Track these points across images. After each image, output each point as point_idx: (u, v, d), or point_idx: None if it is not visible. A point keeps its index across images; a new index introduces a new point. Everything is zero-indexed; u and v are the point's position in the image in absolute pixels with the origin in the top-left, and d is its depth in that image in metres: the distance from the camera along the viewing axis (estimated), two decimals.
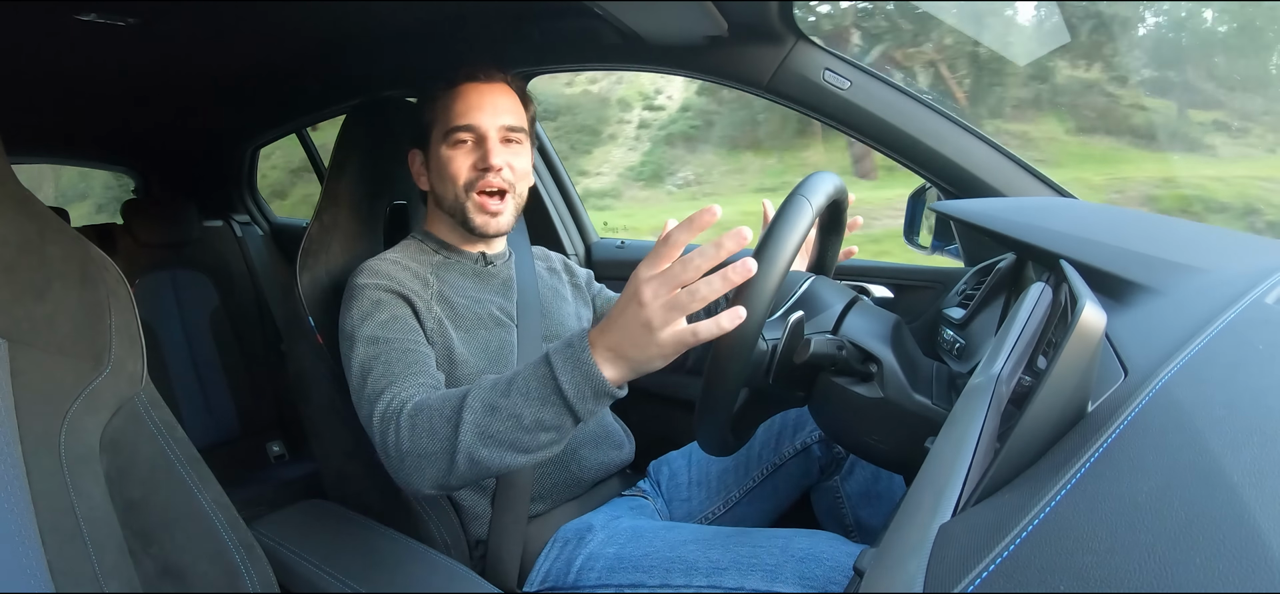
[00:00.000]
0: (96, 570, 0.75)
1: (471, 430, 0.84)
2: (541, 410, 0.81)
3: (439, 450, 0.86)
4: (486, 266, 1.23)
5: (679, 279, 0.74)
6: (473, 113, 1.15)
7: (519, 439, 0.83)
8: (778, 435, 1.23)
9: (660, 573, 0.98)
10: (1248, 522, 0.35)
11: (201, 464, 0.88)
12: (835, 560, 0.91)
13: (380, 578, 1.02)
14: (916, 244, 1.40)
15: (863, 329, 0.96)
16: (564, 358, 0.81)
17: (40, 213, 0.83)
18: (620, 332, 0.78)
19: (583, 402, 0.80)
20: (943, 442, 0.59)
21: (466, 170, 1.15)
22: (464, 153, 1.16)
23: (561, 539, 1.11)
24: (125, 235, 2.27)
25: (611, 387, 0.80)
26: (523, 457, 0.84)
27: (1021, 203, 1.20)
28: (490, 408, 0.84)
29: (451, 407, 0.87)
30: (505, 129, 1.17)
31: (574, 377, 0.80)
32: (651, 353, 0.77)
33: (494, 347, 1.14)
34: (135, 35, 1.37)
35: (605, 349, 0.79)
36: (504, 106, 1.17)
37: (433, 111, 1.19)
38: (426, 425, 0.88)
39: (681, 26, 1.32)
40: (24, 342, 0.77)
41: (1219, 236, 0.99)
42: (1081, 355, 0.51)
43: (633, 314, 0.76)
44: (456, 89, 1.17)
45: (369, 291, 1.07)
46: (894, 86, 1.31)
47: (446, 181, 1.17)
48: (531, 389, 0.82)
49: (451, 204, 1.18)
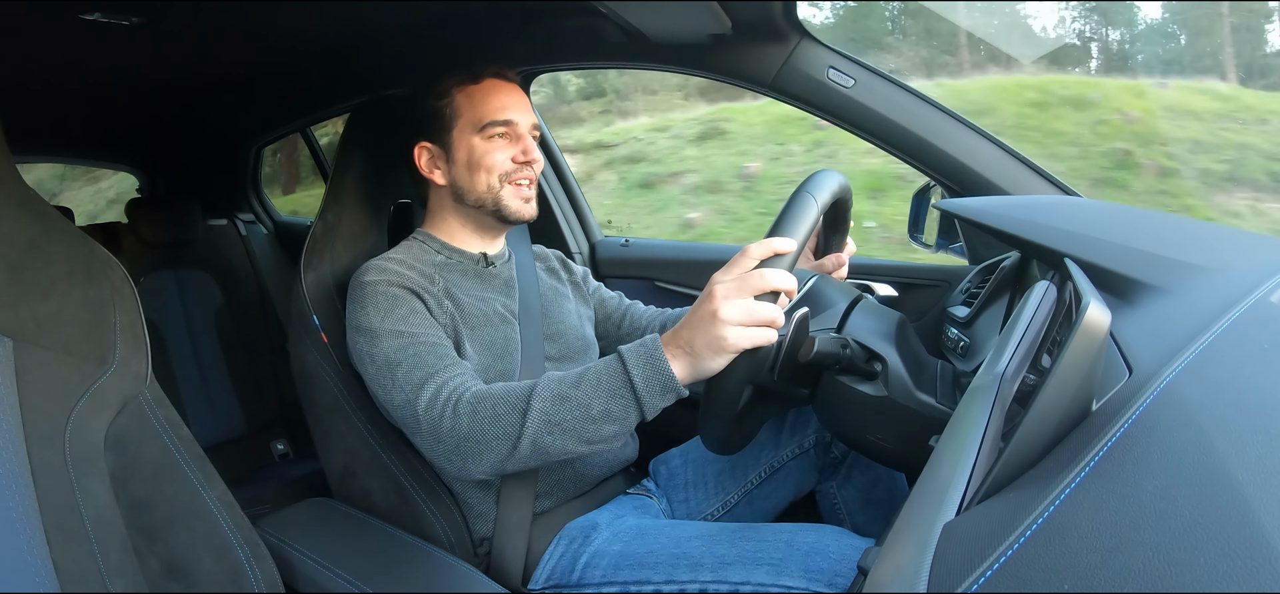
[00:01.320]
0: (101, 569, 0.76)
1: (539, 417, 0.89)
2: (610, 401, 0.88)
3: (503, 434, 0.91)
4: (488, 267, 1.24)
5: (752, 287, 0.82)
6: (510, 108, 1.18)
7: (584, 429, 0.89)
8: (775, 438, 1.23)
9: (665, 569, 0.98)
10: (1253, 521, 0.35)
11: (206, 462, 0.88)
12: (840, 554, 0.91)
13: (385, 576, 1.02)
14: (921, 242, 1.40)
15: (867, 327, 0.96)
16: (636, 354, 0.88)
17: (45, 212, 0.83)
18: (692, 327, 0.85)
19: (651, 395, 0.87)
20: (947, 440, 0.59)
21: (505, 161, 1.17)
22: (502, 146, 1.18)
23: (566, 537, 1.11)
24: (129, 234, 2.27)
25: (678, 383, 0.87)
26: (585, 446, 0.91)
27: (1026, 201, 1.20)
28: (560, 398, 0.90)
29: (518, 394, 0.92)
30: (533, 127, 1.21)
31: (645, 371, 0.87)
32: (716, 345, 0.83)
33: (500, 343, 1.15)
34: (139, 34, 1.37)
35: (677, 347, 0.87)
36: (528, 106, 1.22)
37: (456, 104, 1.19)
38: (490, 411, 0.93)
39: (686, 25, 1.32)
40: (29, 340, 0.77)
41: (1225, 235, 0.98)
42: (1086, 354, 0.51)
43: (708, 313, 0.83)
44: (485, 83, 1.19)
45: (382, 288, 1.08)
46: (898, 85, 1.31)
47: (480, 172, 1.17)
48: (602, 380, 0.89)
49: (482, 194, 1.19)
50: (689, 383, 0.88)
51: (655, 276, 1.81)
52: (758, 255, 0.84)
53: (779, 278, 0.82)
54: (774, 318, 0.83)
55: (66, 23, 1.27)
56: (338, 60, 1.74)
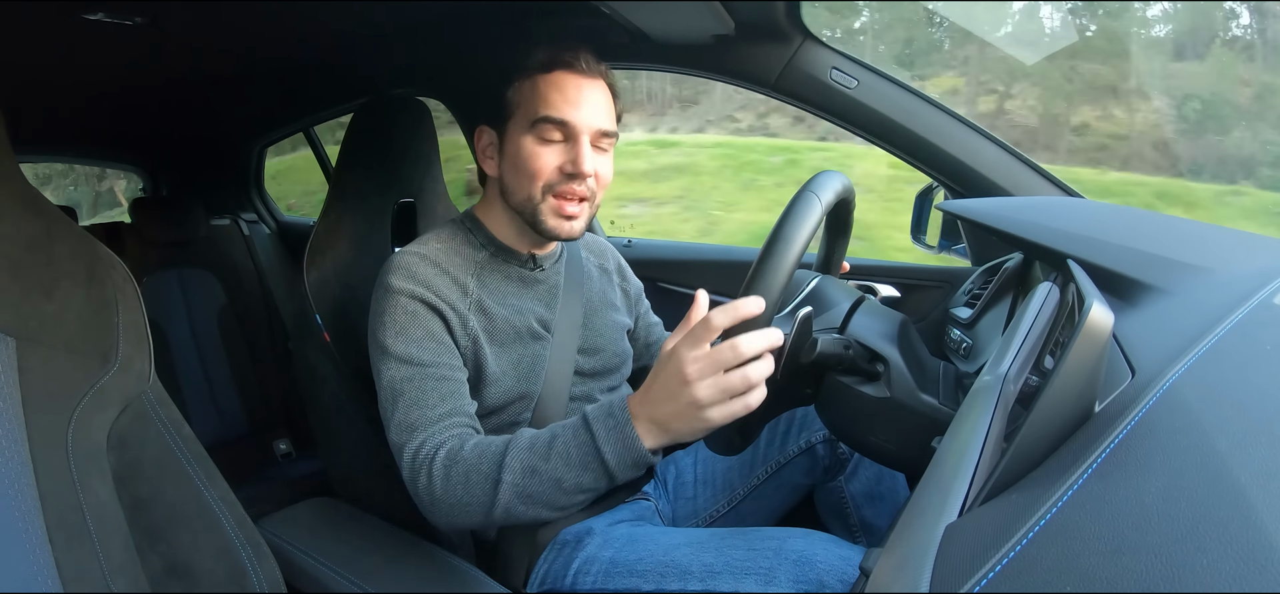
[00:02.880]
0: (103, 568, 0.76)
1: (510, 491, 0.87)
2: (582, 475, 0.86)
3: (475, 503, 0.89)
4: (534, 270, 1.16)
5: (725, 362, 0.77)
6: (569, 107, 1.03)
7: (556, 499, 0.87)
8: (783, 434, 1.22)
9: (654, 578, 0.97)
10: (1255, 522, 0.35)
11: (209, 462, 0.88)
12: (829, 563, 0.89)
13: (387, 576, 1.02)
14: (923, 243, 1.40)
15: (869, 328, 0.96)
16: (607, 427, 0.85)
17: (48, 211, 0.83)
18: (667, 408, 0.81)
19: (623, 469, 0.85)
20: (949, 442, 0.59)
21: (551, 170, 1.04)
22: (552, 150, 1.04)
23: (561, 542, 1.11)
24: (133, 234, 2.28)
25: (649, 457, 0.84)
26: (557, 513, 0.89)
27: (1029, 202, 1.20)
28: (530, 470, 0.87)
29: (490, 463, 0.89)
30: (598, 133, 1.05)
31: (616, 447, 0.84)
32: (699, 428, 0.80)
33: (526, 363, 1.09)
34: (143, 34, 1.37)
35: (648, 421, 0.83)
36: (601, 106, 1.06)
37: (520, 92, 1.06)
38: (461, 479, 0.90)
39: (689, 25, 1.32)
40: (31, 339, 0.77)
41: (1227, 237, 0.98)
42: (1089, 355, 0.51)
43: (681, 394, 0.79)
44: (554, 74, 1.04)
45: (403, 302, 1.01)
46: (901, 86, 1.31)
47: (524, 176, 1.05)
48: (572, 455, 0.86)
49: (522, 201, 1.07)
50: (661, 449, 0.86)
51: (658, 277, 1.81)
52: (721, 325, 0.77)
53: (752, 343, 0.77)
54: (754, 382, 0.77)
55: (70, 22, 1.28)
56: (341, 60, 1.75)
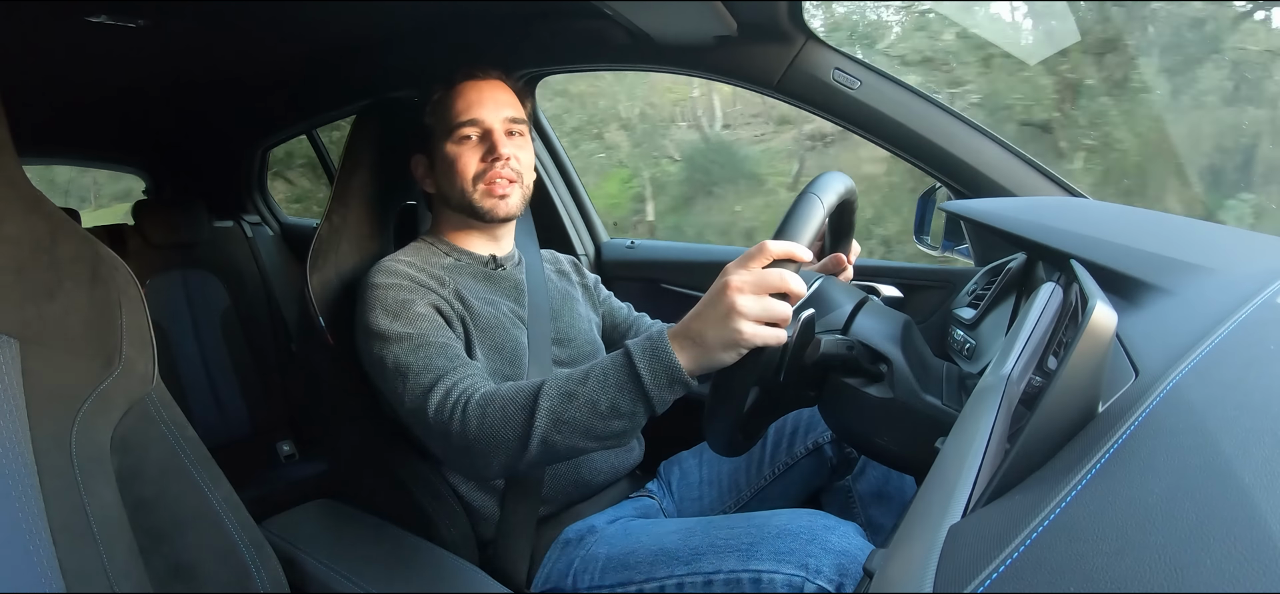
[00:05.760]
0: (107, 570, 0.76)
1: (547, 416, 0.88)
2: (618, 396, 0.86)
3: (512, 436, 0.90)
4: (496, 269, 1.23)
5: (770, 284, 0.80)
6: (475, 108, 1.17)
7: (593, 425, 0.87)
8: (790, 435, 1.23)
9: (646, 568, 0.98)
10: (1260, 523, 0.35)
11: (212, 464, 0.88)
12: (810, 533, 0.91)
13: (390, 577, 1.02)
14: (926, 244, 1.39)
15: (872, 329, 0.96)
16: (642, 347, 0.86)
17: (51, 213, 0.84)
18: (706, 316, 0.82)
19: (658, 388, 0.85)
20: (953, 442, 0.58)
21: (475, 164, 1.17)
22: (470, 148, 1.17)
23: (563, 541, 1.11)
24: (136, 236, 2.28)
25: (686, 374, 0.84)
26: (594, 443, 0.89)
27: (1032, 202, 1.19)
28: (567, 395, 0.88)
29: (526, 394, 0.91)
30: (508, 120, 1.19)
31: (651, 364, 0.85)
32: (730, 339, 0.81)
33: (509, 348, 1.14)
34: (145, 37, 1.38)
35: (684, 337, 0.84)
36: (504, 100, 1.20)
37: (434, 114, 1.20)
38: (499, 413, 0.91)
39: (691, 26, 1.32)
40: (35, 341, 0.78)
41: (1231, 236, 0.98)
42: (1092, 356, 0.51)
43: (722, 301, 0.81)
44: (455, 88, 1.19)
45: (392, 290, 1.07)
46: (904, 86, 1.31)
47: (455, 176, 1.17)
48: (609, 376, 0.87)
49: (460, 198, 1.18)
50: (698, 375, 0.85)
51: (660, 278, 1.81)
52: (775, 253, 0.81)
53: (795, 280, 0.81)
54: (786, 317, 0.81)
55: (73, 25, 1.28)
56: (343, 63, 1.75)
